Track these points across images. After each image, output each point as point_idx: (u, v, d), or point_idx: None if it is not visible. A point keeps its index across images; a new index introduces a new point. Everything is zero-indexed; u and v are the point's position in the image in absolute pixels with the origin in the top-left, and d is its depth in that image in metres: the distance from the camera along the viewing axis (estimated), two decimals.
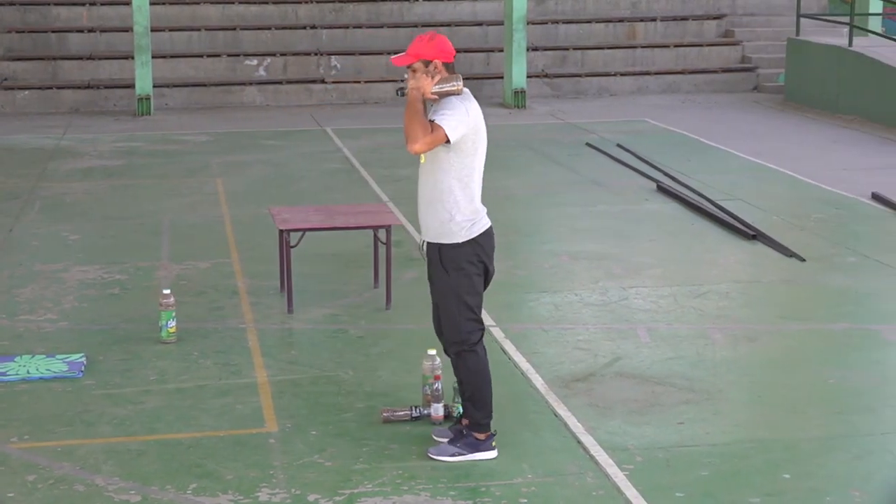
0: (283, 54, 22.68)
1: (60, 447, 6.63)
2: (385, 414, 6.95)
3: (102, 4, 23.13)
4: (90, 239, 11.53)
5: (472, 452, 6.45)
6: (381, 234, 9.32)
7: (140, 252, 10.97)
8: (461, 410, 6.86)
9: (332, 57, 22.72)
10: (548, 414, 7.14)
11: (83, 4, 23.14)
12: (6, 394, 7.43)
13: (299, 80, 22.20)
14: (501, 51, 22.21)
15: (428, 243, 6.50)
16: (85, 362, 7.92)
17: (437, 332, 6.72)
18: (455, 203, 6.36)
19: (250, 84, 21.98)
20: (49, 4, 23.03)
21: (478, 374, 6.50)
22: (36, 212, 12.68)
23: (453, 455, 6.44)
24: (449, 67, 6.36)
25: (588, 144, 16.69)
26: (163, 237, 11.57)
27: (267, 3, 23.68)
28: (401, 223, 11.34)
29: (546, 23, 24.01)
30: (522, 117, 19.94)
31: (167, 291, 8.46)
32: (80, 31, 22.87)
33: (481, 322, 6.52)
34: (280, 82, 22.06)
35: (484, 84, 22.41)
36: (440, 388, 6.90)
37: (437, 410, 6.88)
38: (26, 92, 21.21)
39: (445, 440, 6.56)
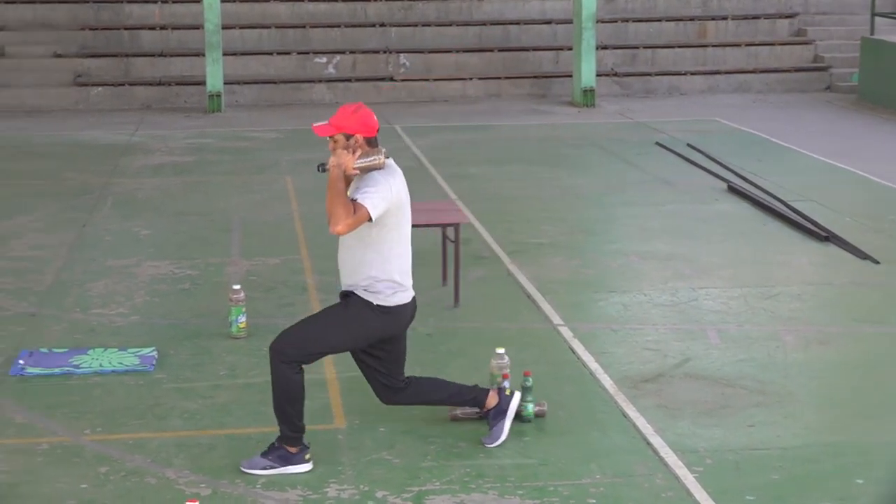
0: (352, 52, 22.76)
1: (132, 440, 6.70)
2: (453, 412, 6.95)
3: (174, 2, 23.33)
4: (161, 234, 11.64)
5: (283, 465, 6.30)
6: (450, 232, 9.32)
7: (210, 248, 11.06)
8: (530, 410, 6.85)
9: (401, 55, 22.76)
10: (616, 414, 7.11)
11: (155, 2, 23.35)
12: (80, 387, 7.53)
13: (368, 77, 22.26)
14: (570, 49, 22.12)
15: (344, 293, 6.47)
16: (156, 356, 8.00)
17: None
18: (375, 275, 6.28)
19: (319, 82, 22.08)
20: (122, 2, 23.27)
21: (284, 383, 6.30)
22: (108, 207, 12.83)
23: (265, 468, 6.28)
24: (370, 142, 6.29)
25: (658, 144, 16.59)
26: (233, 233, 11.65)
27: (337, 1, 23.78)
28: (469, 221, 11.33)
29: (616, 21, 23.89)
30: (591, 116, 19.86)
31: (237, 287, 8.52)
32: (153, 28, 23.09)
33: (313, 359, 6.41)
34: (349, 80, 22.14)
35: (553, 82, 22.36)
36: (508, 386, 6.89)
37: None
38: (99, 89, 21.45)
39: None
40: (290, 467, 6.28)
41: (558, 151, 16.32)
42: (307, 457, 6.35)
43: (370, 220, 6.11)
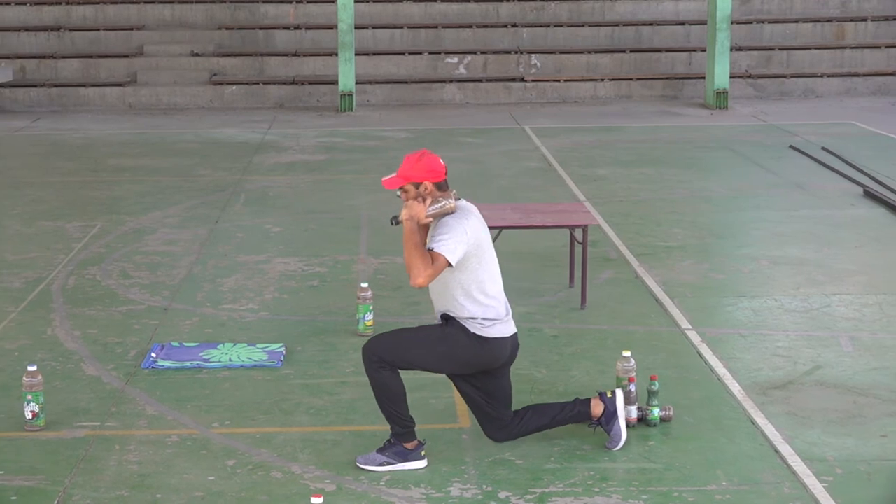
0: (483, 52, 22.79)
1: (259, 434, 6.79)
2: None
3: (309, 2, 23.62)
4: (291, 231, 11.78)
5: (400, 462, 6.28)
6: (578, 234, 9.27)
7: (339, 245, 11.16)
8: (656, 414, 6.78)
9: (533, 55, 22.73)
10: (744, 421, 6.99)
11: (290, 2, 23.67)
12: (209, 380, 7.65)
13: (499, 78, 22.28)
14: (704, 50, 21.89)
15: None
16: (284, 352, 8.09)
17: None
18: (469, 315, 6.24)
19: (450, 82, 22.15)
20: (258, 2, 23.63)
21: (378, 385, 6.26)
22: (241, 204, 13.02)
23: (382, 464, 6.28)
24: (440, 186, 6.24)
25: (792, 147, 16.31)
26: (362, 231, 11.74)
27: (469, 1, 23.83)
28: (598, 223, 11.27)
29: (751, 22, 23.56)
30: (724, 118, 19.61)
31: (365, 285, 8.57)
32: (287, 28, 23.40)
33: (405, 367, 6.29)
34: (480, 80, 22.18)
35: (685, 84, 22.14)
36: (634, 389, 6.82)
37: (631, 413, 6.80)
38: (234, 87, 21.81)
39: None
40: (406, 464, 6.30)
41: (689, 154, 16.14)
42: (423, 453, 6.35)
43: (450, 265, 6.09)
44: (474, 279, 6.23)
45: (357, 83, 21.08)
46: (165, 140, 17.76)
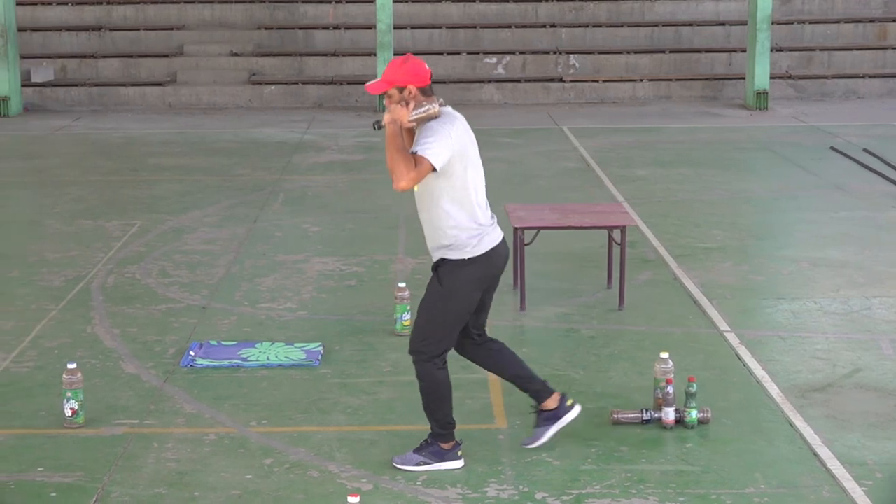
0: (522, 53, 22.77)
1: (296, 433, 6.80)
2: (615, 415, 6.89)
3: (348, 2, 23.67)
4: (329, 231, 11.81)
5: (437, 462, 6.28)
6: (616, 235, 9.24)
7: (377, 245, 11.17)
8: (694, 416, 6.75)
9: (571, 56, 22.69)
10: (783, 423, 6.95)
11: (329, 2, 23.72)
12: (247, 379, 7.67)
13: (537, 78, 22.25)
14: (744, 51, 21.79)
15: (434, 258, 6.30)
16: (322, 351, 8.11)
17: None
18: (456, 225, 6.11)
19: (489, 82, 22.14)
20: (297, 2, 23.70)
21: (432, 383, 6.25)
22: (279, 203, 13.06)
23: (419, 464, 6.27)
24: (425, 91, 6.10)
25: (832, 148, 16.20)
26: (399, 231, 11.75)
27: (507, 1, 23.82)
28: (636, 224, 11.22)
29: (792, 23, 23.43)
30: (764, 119, 19.51)
31: (402, 285, 8.58)
32: (326, 28, 23.46)
33: (451, 342, 6.26)
34: (518, 80, 22.16)
35: (725, 84, 22.04)
36: (672, 391, 6.80)
37: (669, 415, 6.77)
38: (273, 87, 21.88)
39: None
40: (443, 464, 6.30)
41: (729, 155, 16.06)
42: (460, 453, 6.35)
43: (434, 170, 5.97)
44: (461, 185, 6.10)
45: None
46: (205, 139, 17.84)
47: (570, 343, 8.40)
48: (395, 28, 21.20)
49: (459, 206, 6.11)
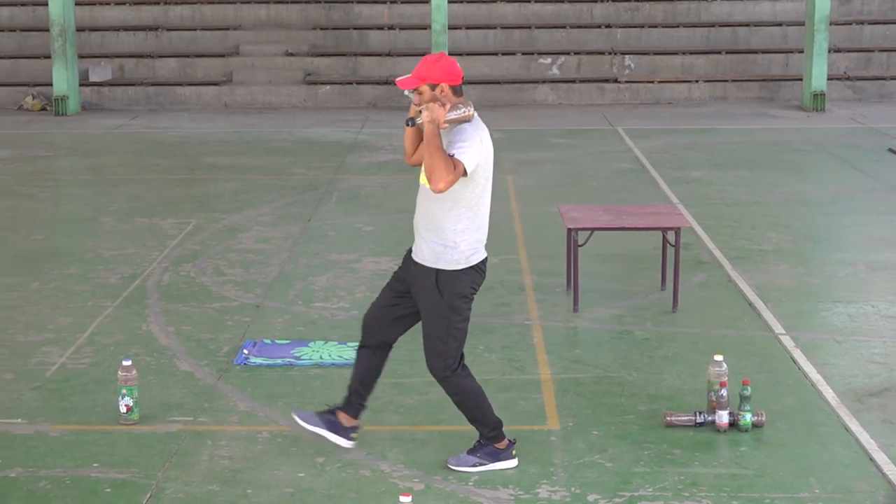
0: (576, 53, 22.71)
1: None
2: (668, 418, 6.86)
3: (403, 3, 23.71)
4: (383, 231, 11.83)
5: (492, 462, 6.26)
6: (671, 236, 9.20)
7: None
8: (748, 419, 6.71)
9: (626, 56, 22.60)
10: (838, 428, 6.89)
11: (384, 2, 23.77)
12: (300, 378, 7.70)
13: (592, 79, 22.18)
14: (801, 52, 21.61)
15: (419, 265, 6.19)
16: None
17: (366, 326, 6.46)
18: (463, 231, 6.09)
19: (543, 82, 22.10)
20: (352, 2, 23.77)
21: (466, 394, 6.26)
22: (333, 203, 13.11)
23: (475, 465, 6.25)
24: (456, 91, 6.04)
25: (890, 150, 16.03)
26: None
27: (563, 2, 23.76)
28: (690, 225, 11.17)
29: (850, 23, 23.21)
30: (821, 120, 19.34)
31: None
32: (380, 28, 23.51)
33: (462, 347, 6.25)
34: (573, 81, 22.10)
35: (782, 86, 21.87)
36: (726, 394, 6.76)
37: (722, 418, 6.73)
38: (328, 87, 21.96)
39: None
40: (498, 463, 6.30)
41: (785, 157, 15.94)
42: (514, 452, 6.34)
43: (465, 174, 5.92)
44: (478, 195, 6.08)
45: None
46: (260, 139, 17.93)
47: (624, 345, 8.37)
48: (449, 28, 21.21)
49: (472, 214, 6.10)
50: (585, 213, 9.58)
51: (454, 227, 6.08)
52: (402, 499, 5.20)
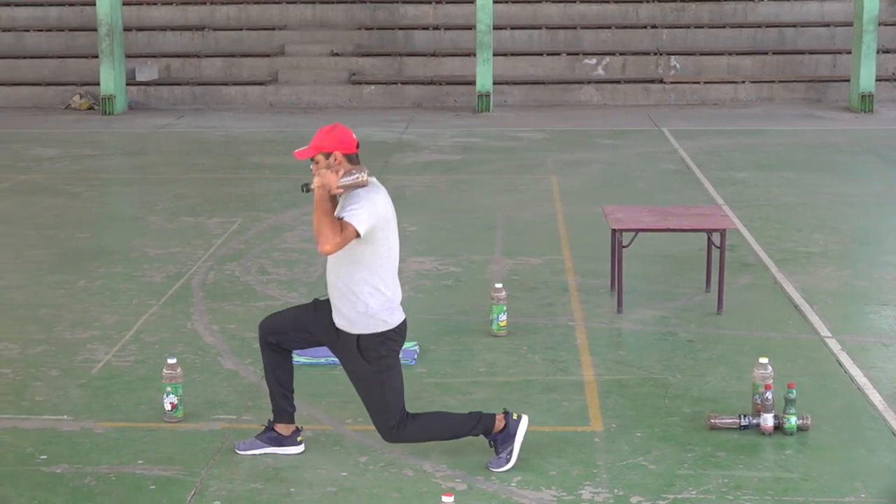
0: (622, 53, 22.65)
1: None
2: (712, 420, 6.82)
3: (448, 3, 23.72)
4: (427, 231, 11.84)
5: (513, 443, 6.30)
6: (716, 238, 9.15)
7: (474, 246, 11.18)
8: (793, 423, 6.66)
9: (672, 57, 22.52)
10: (885, 432, 6.82)
11: (429, 3, 23.79)
12: (343, 377, 7.65)
13: (637, 79, 22.11)
14: (849, 52, 21.45)
15: (341, 331, 6.28)
16: (418, 351, 8.13)
17: (265, 331, 6.47)
18: (370, 293, 6.19)
19: (588, 83, 22.05)
20: (397, 2, 23.80)
21: (426, 430, 6.36)
22: None
23: (509, 454, 6.29)
24: (351, 158, 6.24)
25: None
26: (497, 232, 11.75)
27: (608, 2, 23.70)
28: (736, 227, 11.11)
29: None
30: (869, 122, 19.19)
31: (499, 285, 8.57)
32: (426, 28, 23.53)
33: (402, 398, 6.33)
34: (618, 81, 22.04)
35: (829, 87, 21.72)
36: (771, 397, 6.71)
37: (767, 421, 6.69)
38: (372, 87, 22.00)
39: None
40: (518, 441, 6.30)
41: (832, 158, 15.82)
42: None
43: (358, 236, 6.07)
44: (379, 255, 6.21)
45: (494, 84, 21.09)
46: (305, 138, 17.82)
47: (668, 346, 8.33)
48: (494, 28, 21.20)
49: (375, 276, 6.21)
50: (630, 214, 9.55)
51: (362, 290, 6.21)
52: (445, 499, 5.19)
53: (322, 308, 6.40)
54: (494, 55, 21.16)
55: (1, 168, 15.61)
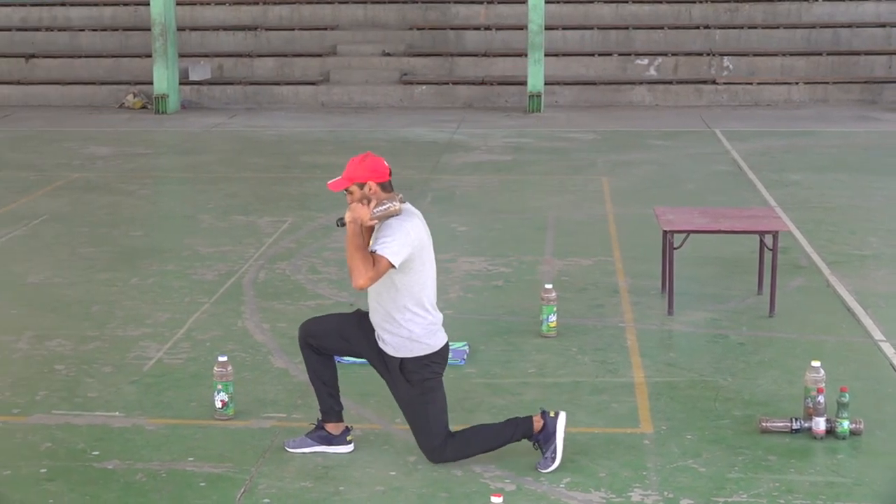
0: (674, 54, 22.54)
1: None
2: (763, 424, 6.77)
3: (500, 3, 23.70)
4: (477, 231, 11.83)
5: (554, 441, 6.28)
6: (768, 240, 9.08)
7: (524, 246, 11.16)
8: (845, 427, 6.59)
9: (725, 57, 22.38)
10: None
11: (481, 3, 23.78)
12: None
13: (689, 80, 22.00)
14: None
15: (386, 354, 6.32)
16: (467, 351, 8.12)
17: (305, 334, 6.52)
18: (412, 319, 6.23)
19: (640, 83, 21.96)
20: (449, 3, 23.81)
21: (470, 447, 6.35)
22: (428, 203, 13.13)
23: (553, 457, 6.27)
24: (384, 187, 6.25)
25: None
26: (547, 232, 11.72)
27: (660, 2, 23.59)
28: (788, 229, 11.01)
29: None
30: None
31: (549, 286, 8.55)
32: (477, 28, 23.53)
33: (445, 421, 6.35)
34: (670, 82, 21.93)
35: (885, 88, 21.52)
36: (823, 401, 6.65)
37: (819, 425, 6.63)
38: (424, 87, 22.02)
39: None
40: (559, 440, 6.29)
41: (887, 160, 15.67)
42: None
43: (393, 267, 6.08)
44: (418, 282, 6.24)
45: (546, 84, 21.06)
46: (356, 138, 18.03)
47: (719, 349, 8.28)
48: (546, 29, 21.16)
49: (415, 301, 6.25)
50: (681, 216, 9.50)
51: (403, 316, 6.24)
52: (494, 499, 5.19)
53: (365, 325, 6.43)
54: (546, 55, 21.12)
55: (56, 166, 15.76)
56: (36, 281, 10.12)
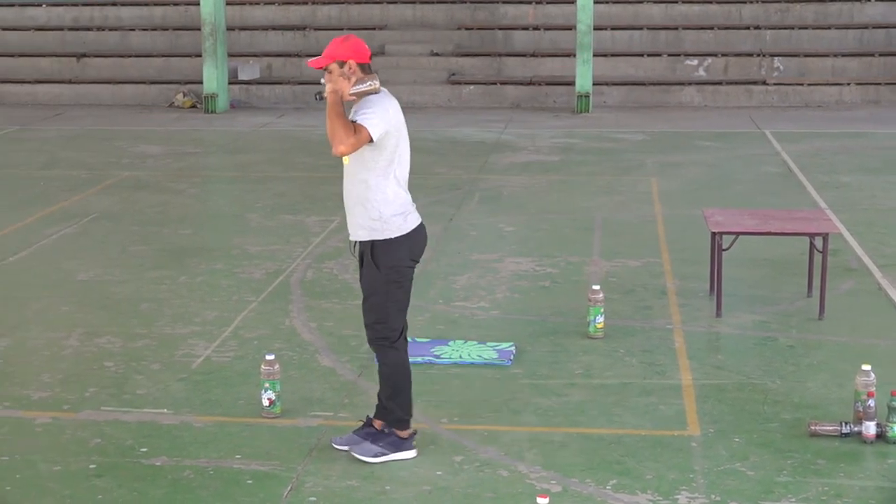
0: (724, 55, 22.41)
1: (487, 432, 6.81)
2: (812, 427, 6.71)
3: (548, 3, 23.66)
4: (524, 231, 11.81)
5: (394, 452, 6.36)
6: (818, 242, 9.01)
7: (571, 247, 11.13)
8: None
9: (776, 58, 22.23)
10: None
11: (529, 3, 23.75)
12: (440, 376, 7.73)
13: (739, 80, 21.87)
14: None
15: (360, 243, 6.39)
16: (514, 351, 8.11)
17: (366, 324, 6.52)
18: (383, 199, 6.28)
19: (689, 84, 21.85)
20: (497, 3, 23.80)
21: (397, 369, 6.42)
22: (475, 203, 13.13)
23: (376, 455, 6.33)
24: (364, 68, 6.27)
25: None
26: (594, 233, 11.68)
27: (710, 2, 23.47)
28: (839, 231, 10.93)
29: None
30: None
31: (597, 287, 8.52)
32: (525, 28, 23.50)
33: (403, 321, 6.42)
34: (720, 83, 21.81)
35: None
36: (874, 405, 6.59)
37: (869, 429, 6.56)
38: (472, 87, 22.02)
39: (346, 447, 6.47)
40: (399, 453, 6.39)
41: None
42: (414, 443, 6.46)
43: (371, 140, 6.12)
44: (391, 161, 6.28)
45: (594, 84, 21.00)
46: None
47: (767, 351, 8.22)
48: (595, 29, 21.10)
49: (387, 180, 6.30)
50: (730, 217, 9.44)
51: (376, 196, 6.29)
52: (540, 500, 5.17)
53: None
54: (594, 56, 21.06)
55: (106, 165, 15.89)
56: (86, 278, 10.20)
